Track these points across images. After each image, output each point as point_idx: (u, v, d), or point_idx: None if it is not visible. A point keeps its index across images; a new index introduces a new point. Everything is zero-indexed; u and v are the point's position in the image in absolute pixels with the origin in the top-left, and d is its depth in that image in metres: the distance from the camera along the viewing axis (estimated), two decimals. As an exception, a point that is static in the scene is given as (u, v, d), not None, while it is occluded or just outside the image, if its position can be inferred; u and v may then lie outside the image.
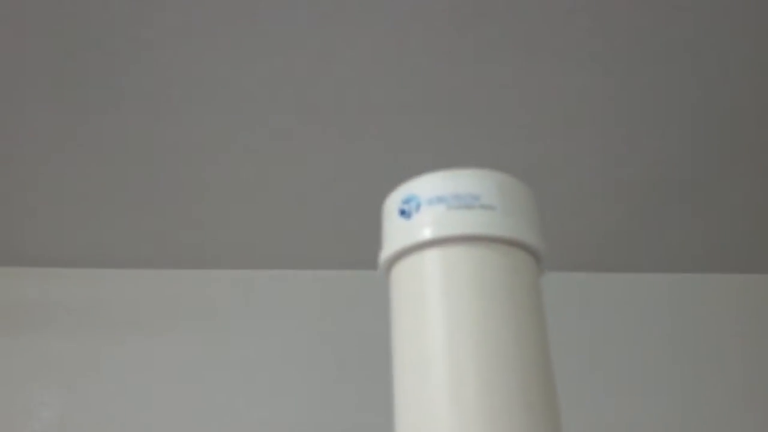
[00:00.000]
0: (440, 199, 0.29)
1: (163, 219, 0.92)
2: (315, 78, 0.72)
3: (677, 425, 0.96)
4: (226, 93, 0.73)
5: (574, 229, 0.96)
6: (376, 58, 0.70)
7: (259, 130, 0.78)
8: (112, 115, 0.75)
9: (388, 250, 0.30)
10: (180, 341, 0.97)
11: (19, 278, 0.99)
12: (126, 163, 0.82)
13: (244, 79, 0.72)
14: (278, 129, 0.78)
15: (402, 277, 0.30)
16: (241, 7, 0.64)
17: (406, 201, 0.30)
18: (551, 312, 0.33)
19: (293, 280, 1.01)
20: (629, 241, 1.00)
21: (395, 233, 0.30)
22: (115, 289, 1.00)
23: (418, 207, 0.29)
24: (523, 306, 0.29)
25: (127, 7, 0.64)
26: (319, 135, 0.79)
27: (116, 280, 1.00)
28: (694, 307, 1.05)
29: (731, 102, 0.77)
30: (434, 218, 0.29)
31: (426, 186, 0.30)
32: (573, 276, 1.04)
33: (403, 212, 0.30)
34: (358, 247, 0.96)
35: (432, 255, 0.29)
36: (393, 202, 0.31)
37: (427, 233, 0.29)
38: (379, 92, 0.74)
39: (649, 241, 1.00)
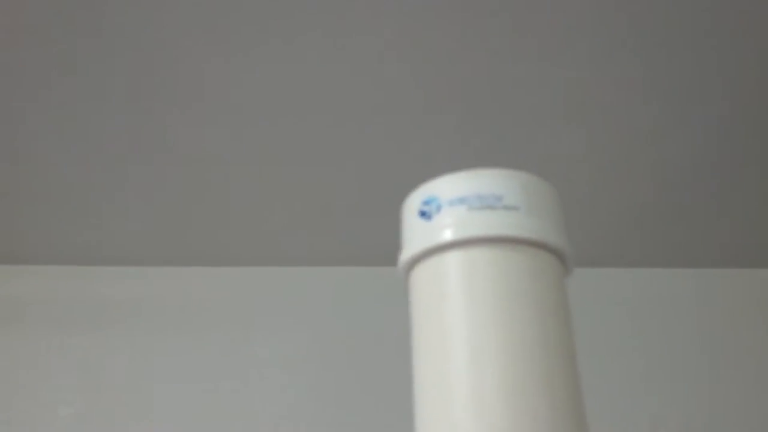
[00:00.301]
0: (461, 200, 0.28)
1: (183, 216, 0.91)
2: (325, 77, 0.71)
3: (702, 424, 0.93)
4: (234, 91, 0.72)
5: (593, 224, 0.94)
6: (387, 54, 0.69)
7: (272, 130, 0.77)
8: (118, 112, 0.74)
9: (407, 252, 0.29)
10: (202, 339, 0.95)
11: (38, 276, 0.98)
12: (132, 160, 0.81)
13: (252, 78, 0.71)
14: (290, 128, 0.77)
15: (422, 279, 0.29)
16: (248, 5, 0.63)
17: (427, 202, 0.29)
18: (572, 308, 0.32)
19: (310, 277, 1.00)
20: (650, 236, 0.98)
21: (415, 235, 0.29)
22: (137, 287, 0.99)
23: (438, 208, 0.29)
24: (548, 309, 0.28)
25: (129, 6, 0.63)
26: (330, 133, 0.78)
27: (137, 277, 0.99)
28: (719, 303, 1.02)
29: (759, 96, 0.75)
30: (455, 219, 0.28)
31: (446, 186, 0.29)
32: (592, 272, 1.02)
33: (423, 213, 0.29)
34: (374, 244, 0.95)
35: (453, 257, 0.28)
36: (412, 203, 0.30)
37: (448, 235, 0.28)
38: (391, 90, 0.73)
39: (672, 235, 0.97)
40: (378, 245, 0.89)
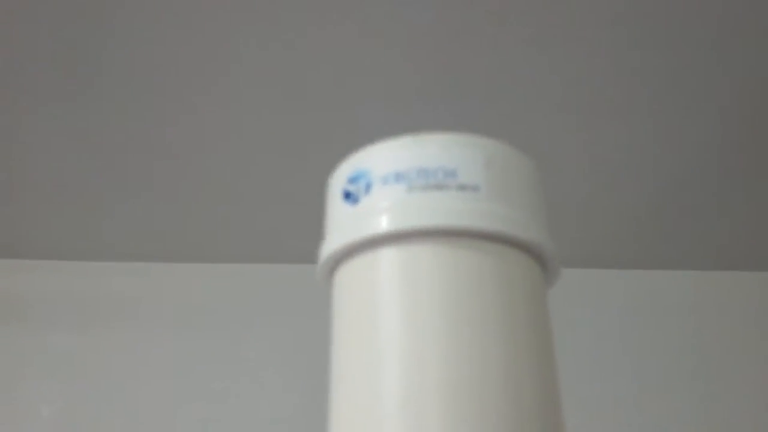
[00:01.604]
0: (399, 176, 0.20)
1: (167, 211, 0.87)
2: (323, 66, 0.66)
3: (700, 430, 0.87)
4: (227, 85, 0.69)
5: (592, 223, 0.88)
6: (386, 43, 0.63)
7: (273, 124, 0.73)
8: (119, 106, 0.71)
9: (328, 246, 0.22)
10: (185, 336, 0.92)
11: (19, 271, 0.95)
12: (130, 155, 0.78)
13: (245, 71, 0.67)
14: (284, 120, 0.73)
15: (346, 284, 0.21)
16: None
17: (353, 179, 0.21)
18: (564, 311, 0.24)
19: (302, 275, 0.95)
20: (650, 237, 0.92)
21: (338, 224, 0.21)
22: (118, 283, 0.95)
23: (368, 187, 0.21)
24: (521, 330, 0.20)
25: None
26: (326, 126, 0.73)
27: (119, 273, 0.95)
28: (718, 306, 0.96)
29: (763, 98, 0.69)
30: (391, 203, 0.20)
31: (380, 157, 0.21)
32: (589, 273, 0.95)
33: (348, 195, 0.21)
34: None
35: (388, 255, 0.20)
36: (336, 180, 0.22)
37: (379, 224, 0.20)
38: (392, 79, 0.67)
39: (671, 236, 0.91)
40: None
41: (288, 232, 0.91)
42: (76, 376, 0.89)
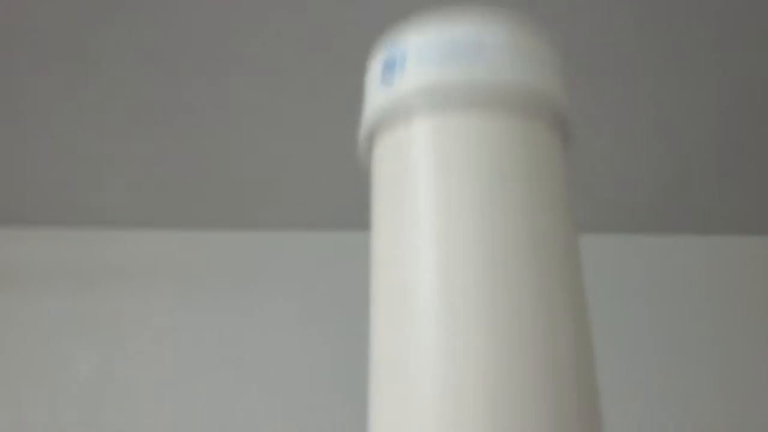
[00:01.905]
0: (432, 52, 0.23)
1: (190, 180, 0.87)
2: (332, 40, 0.66)
3: (712, 399, 0.87)
4: (230, 58, 0.69)
5: (611, 188, 0.88)
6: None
7: (281, 94, 0.73)
8: (116, 72, 0.71)
9: (367, 120, 0.24)
10: (186, 303, 0.92)
11: (19, 239, 0.95)
12: (131, 122, 0.78)
13: (249, 37, 0.67)
14: (300, 92, 0.73)
15: (384, 154, 0.24)
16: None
17: (390, 57, 0.23)
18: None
19: (320, 241, 0.96)
20: (667, 202, 0.92)
21: (376, 98, 0.24)
22: (148, 250, 0.96)
23: (404, 63, 0.23)
24: (542, 191, 0.23)
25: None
26: (338, 92, 0.73)
27: (148, 240, 0.96)
28: (734, 271, 0.96)
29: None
30: (424, 77, 0.23)
31: (414, 36, 0.23)
32: (607, 238, 0.95)
33: (386, 71, 0.23)
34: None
35: (422, 124, 0.23)
36: (376, 59, 0.24)
37: (414, 96, 0.22)
38: None
39: (689, 201, 0.92)
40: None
41: (292, 200, 0.91)
42: (113, 336, 0.90)
